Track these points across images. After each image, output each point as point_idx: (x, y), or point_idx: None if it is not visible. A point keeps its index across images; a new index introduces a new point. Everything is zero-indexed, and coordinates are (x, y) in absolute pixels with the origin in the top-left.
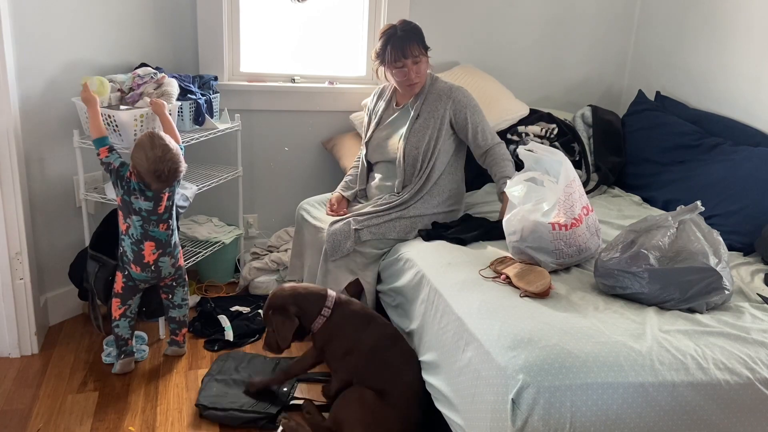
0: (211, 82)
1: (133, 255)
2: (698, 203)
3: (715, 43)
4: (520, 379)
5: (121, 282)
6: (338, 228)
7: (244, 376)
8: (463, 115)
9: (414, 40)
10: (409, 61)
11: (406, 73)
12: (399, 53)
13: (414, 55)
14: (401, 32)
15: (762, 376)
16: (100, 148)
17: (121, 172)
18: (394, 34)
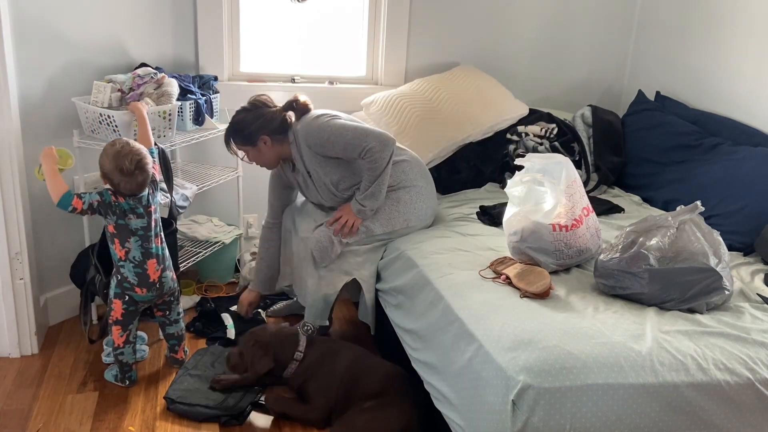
0: (211, 82)
1: (137, 278)
2: (698, 203)
3: (715, 43)
4: (521, 380)
5: (121, 309)
6: (321, 234)
7: (219, 371)
8: (327, 151)
9: (233, 137)
10: (237, 151)
11: (247, 160)
12: (229, 147)
13: (236, 149)
14: (228, 130)
15: (762, 377)
16: (71, 203)
17: (105, 200)
18: (226, 130)
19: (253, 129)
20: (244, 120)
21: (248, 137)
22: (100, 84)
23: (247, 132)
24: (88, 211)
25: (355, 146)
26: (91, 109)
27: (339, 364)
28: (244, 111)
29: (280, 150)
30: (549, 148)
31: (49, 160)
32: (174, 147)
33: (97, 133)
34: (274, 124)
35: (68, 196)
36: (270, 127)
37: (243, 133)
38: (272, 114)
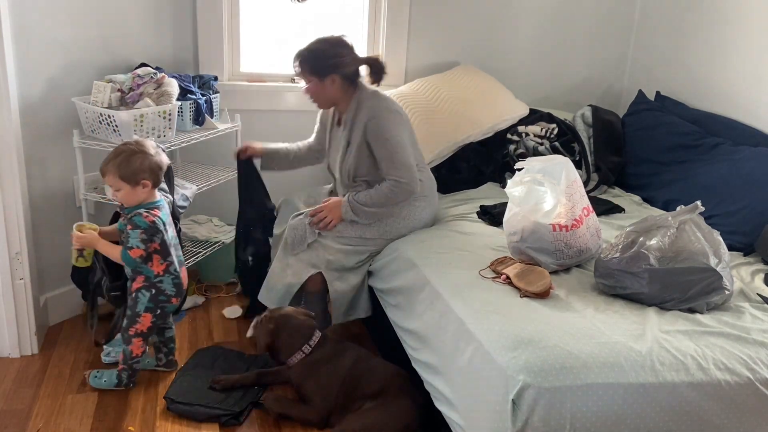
0: (211, 82)
1: (176, 289)
2: (698, 203)
3: (715, 43)
4: (521, 379)
5: (149, 323)
6: (298, 221)
7: (218, 371)
8: (374, 145)
9: (305, 62)
10: (300, 77)
11: (304, 90)
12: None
13: (301, 73)
14: (304, 51)
15: (762, 376)
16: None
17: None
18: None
19: (328, 63)
20: (323, 51)
21: (320, 69)
22: (100, 84)
23: (322, 64)
24: (155, 243)
25: (392, 166)
26: (91, 109)
27: (341, 365)
28: (325, 42)
29: (340, 97)
30: (549, 148)
31: (84, 242)
32: (173, 147)
33: (97, 133)
34: (349, 70)
35: (125, 255)
36: (344, 70)
37: (317, 63)
38: (351, 59)
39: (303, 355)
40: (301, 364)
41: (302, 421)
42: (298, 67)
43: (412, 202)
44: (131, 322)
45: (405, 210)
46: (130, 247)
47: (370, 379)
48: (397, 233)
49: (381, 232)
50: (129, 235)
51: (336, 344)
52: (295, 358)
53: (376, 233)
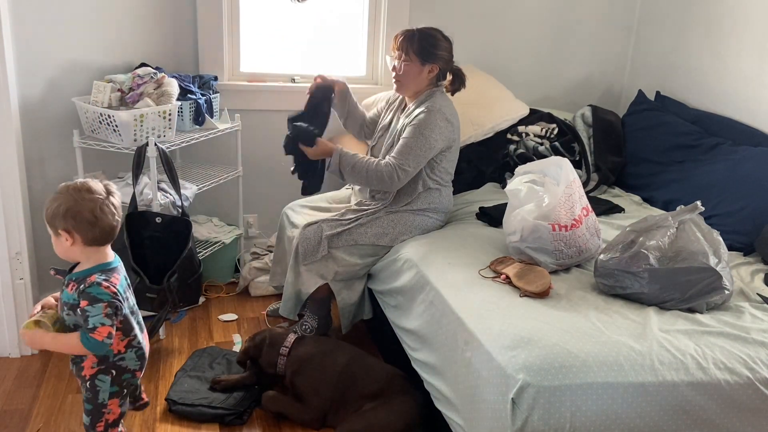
0: (211, 82)
1: (140, 361)
2: (698, 203)
3: (715, 43)
4: (520, 378)
5: (118, 409)
6: (311, 232)
7: (218, 372)
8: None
9: (413, 40)
10: (400, 53)
11: (394, 65)
12: (396, 41)
13: (402, 49)
14: (416, 31)
15: (762, 376)
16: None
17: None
18: (410, 30)
19: (437, 52)
20: (437, 39)
21: (427, 54)
22: (100, 84)
23: (431, 51)
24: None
25: (399, 152)
26: (91, 109)
27: (334, 363)
28: (438, 32)
29: (424, 87)
30: (549, 148)
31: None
32: (173, 147)
33: (97, 133)
34: (446, 67)
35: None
36: (445, 65)
37: (427, 48)
38: (451, 58)
39: (284, 358)
40: (289, 362)
41: (298, 420)
42: (405, 43)
43: (425, 213)
44: (97, 416)
45: (417, 219)
46: (92, 328)
47: (367, 379)
48: (405, 240)
49: (392, 239)
50: (88, 313)
51: (318, 342)
52: (280, 364)
53: (388, 240)
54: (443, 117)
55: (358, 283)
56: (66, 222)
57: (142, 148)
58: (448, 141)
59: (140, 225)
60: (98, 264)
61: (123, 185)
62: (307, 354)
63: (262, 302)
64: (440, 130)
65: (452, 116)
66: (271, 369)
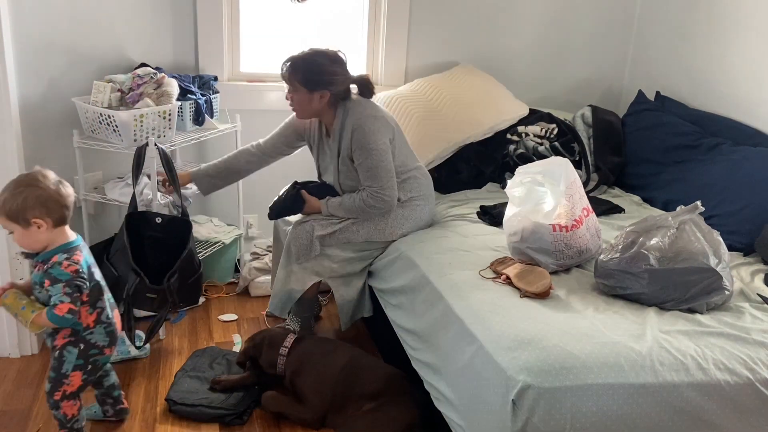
0: (211, 82)
1: (109, 338)
2: (698, 203)
3: (715, 43)
4: (521, 380)
5: (80, 381)
6: (302, 231)
7: (218, 372)
8: (356, 154)
9: (297, 71)
10: (288, 85)
11: (288, 96)
12: (282, 70)
13: (286, 80)
14: (299, 60)
15: (762, 377)
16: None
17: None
18: (295, 58)
19: (322, 79)
20: (319, 65)
21: (311, 82)
22: (100, 84)
23: (315, 78)
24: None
25: (371, 176)
26: (91, 109)
27: (334, 363)
28: (324, 56)
29: (324, 111)
30: (549, 149)
31: None
32: (173, 147)
33: (97, 133)
34: (340, 88)
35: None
36: (336, 88)
37: (309, 76)
38: (345, 78)
39: (284, 358)
40: (289, 362)
41: (297, 420)
42: (288, 73)
43: (411, 202)
44: (56, 385)
45: (406, 210)
46: (54, 304)
47: (367, 378)
48: (400, 233)
49: (386, 234)
50: (50, 292)
51: (318, 341)
52: (280, 364)
53: (381, 236)
54: (368, 119)
55: (357, 280)
56: (37, 210)
57: (142, 148)
58: (391, 131)
59: (140, 225)
60: (61, 245)
61: (123, 186)
62: (307, 354)
63: (262, 302)
64: (377, 132)
65: (376, 110)
66: (271, 369)
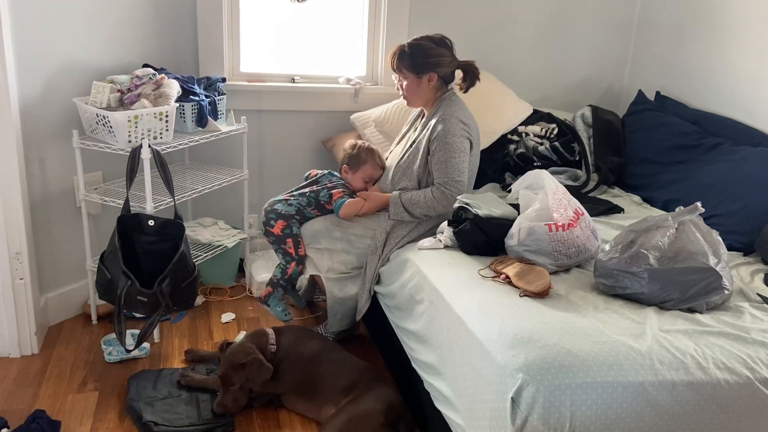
0: (217, 84)
1: None
2: (698, 204)
3: (715, 43)
4: (520, 378)
5: None
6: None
7: (169, 389)
8: (435, 147)
9: (403, 57)
10: (396, 72)
11: (398, 86)
12: (390, 62)
13: (395, 68)
14: (405, 47)
15: (762, 376)
16: None
17: None
18: (401, 46)
19: (429, 61)
20: (427, 48)
21: (420, 66)
22: (100, 84)
23: (423, 61)
24: None
25: (444, 171)
26: (90, 110)
27: (307, 349)
28: (429, 39)
29: (432, 97)
30: (549, 148)
31: None
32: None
33: (96, 134)
34: (447, 70)
35: None
36: (443, 70)
37: (418, 60)
38: (452, 60)
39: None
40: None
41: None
42: (396, 62)
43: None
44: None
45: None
46: None
47: (340, 370)
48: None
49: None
50: None
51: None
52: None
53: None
54: (458, 120)
55: (351, 286)
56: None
57: (136, 149)
58: (468, 144)
59: (133, 228)
60: None
61: None
62: (290, 343)
63: None
64: (461, 134)
65: (466, 118)
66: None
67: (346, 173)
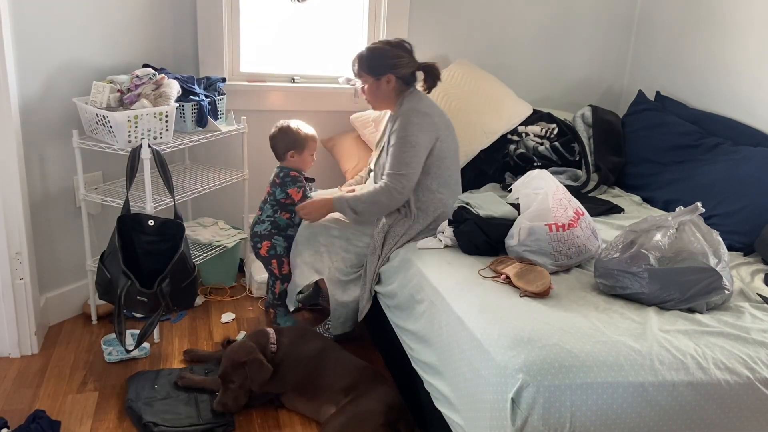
0: (217, 84)
1: None
2: (698, 205)
3: (715, 43)
4: (520, 378)
5: None
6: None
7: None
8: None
9: (362, 61)
10: (359, 79)
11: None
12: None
13: (356, 73)
14: (364, 51)
15: (762, 376)
16: None
17: None
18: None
19: (386, 63)
20: (382, 50)
21: (377, 68)
22: (100, 84)
23: (379, 64)
24: None
25: (392, 164)
26: (90, 110)
27: (307, 349)
28: (387, 43)
29: (394, 99)
30: (549, 148)
31: None
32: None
33: (96, 134)
34: (405, 71)
35: None
36: (401, 71)
37: (374, 63)
38: (410, 61)
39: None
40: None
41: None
42: (356, 67)
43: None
44: None
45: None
46: None
47: (341, 370)
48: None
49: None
50: None
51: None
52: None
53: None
54: (416, 113)
55: (354, 288)
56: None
57: (136, 149)
58: (434, 132)
59: (133, 228)
60: None
61: None
62: (290, 342)
63: (263, 302)
64: (418, 126)
65: (427, 107)
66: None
67: (293, 158)
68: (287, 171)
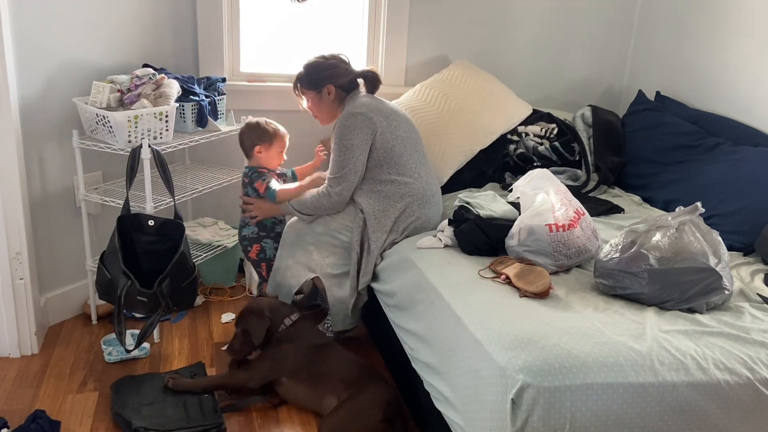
0: (217, 84)
1: None
2: (698, 205)
3: (715, 42)
4: (520, 379)
5: None
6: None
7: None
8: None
9: (301, 79)
10: (300, 95)
11: (307, 109)
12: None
13: (298, 91)
14: (301, 69)
15: (762, 376)
16: None
17: None
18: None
19: (323, 75)
20: (318, 63)
21: (315, 82)
22: (100, 84)
23: (317, 77)
24: None
25: (330, 169)
26: (90, 110)
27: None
28: (320, 56)
29: (337, 107)
30: (549, 148)
31: None
32: (169, 149)
33: (96, 134)
34: (343, 80)
35: None
36: (339, 80)
37: (312, 77)
38: (346, 69)
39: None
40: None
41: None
42: (298, 86)
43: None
44: None
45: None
46: None
47: (344, 363)
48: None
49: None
50: None
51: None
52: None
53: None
54: (348, 115)
55: (348, 281)
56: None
57: (136, 149)
58: (368, 127)
59: (132, 228)
60: None
61: None
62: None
63: None
64: (349, 127)
65: (360, 107)
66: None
67: (260, 153)
68: (254, 169)
